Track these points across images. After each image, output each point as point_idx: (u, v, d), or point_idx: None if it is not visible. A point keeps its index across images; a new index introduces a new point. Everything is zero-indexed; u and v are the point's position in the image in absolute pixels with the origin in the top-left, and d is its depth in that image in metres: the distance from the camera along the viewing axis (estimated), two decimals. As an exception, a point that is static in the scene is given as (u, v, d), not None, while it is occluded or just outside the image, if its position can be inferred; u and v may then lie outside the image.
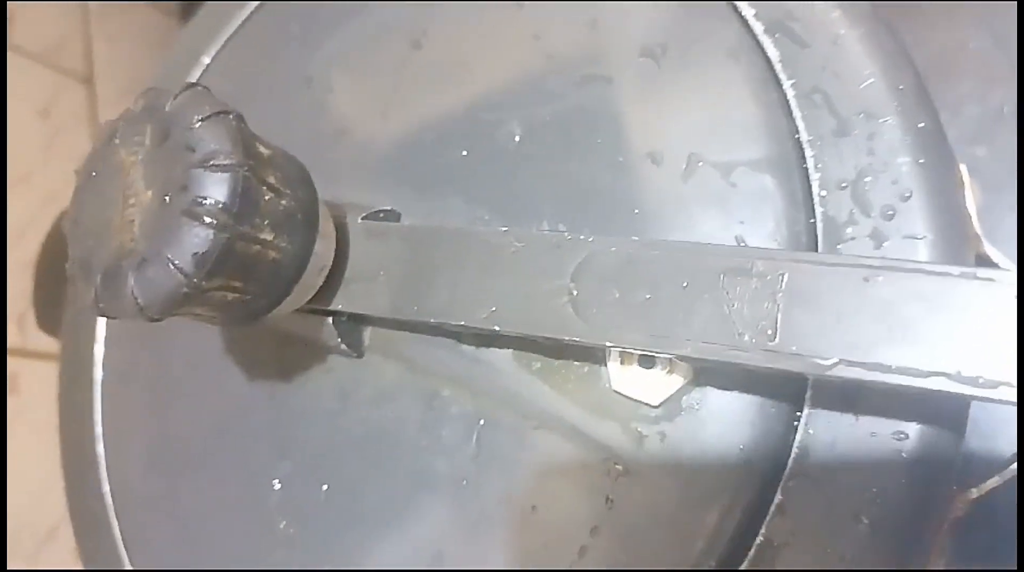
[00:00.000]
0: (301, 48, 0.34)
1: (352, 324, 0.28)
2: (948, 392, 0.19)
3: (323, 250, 0.25)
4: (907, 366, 0.19)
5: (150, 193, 0.22)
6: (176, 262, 0.21)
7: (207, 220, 0.21)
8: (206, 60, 0.38)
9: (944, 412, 0.23)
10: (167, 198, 0.21)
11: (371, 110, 0.31)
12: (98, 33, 0.96)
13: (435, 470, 0.26)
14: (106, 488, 0.36)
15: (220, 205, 0.21)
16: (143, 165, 0.22)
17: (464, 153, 0.28)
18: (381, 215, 0.28)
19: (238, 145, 0.21)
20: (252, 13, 0.37)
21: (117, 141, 0.23)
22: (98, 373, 0.37)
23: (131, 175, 0.22)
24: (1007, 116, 0.53)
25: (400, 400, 0.27)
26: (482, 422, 0.26)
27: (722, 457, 0.24)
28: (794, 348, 0.20)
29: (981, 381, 0.18)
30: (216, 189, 0.21)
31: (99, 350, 0.38)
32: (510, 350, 0.26)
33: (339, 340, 0.27)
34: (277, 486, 0.29)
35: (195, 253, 0.21)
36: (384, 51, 0.32)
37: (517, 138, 0.28)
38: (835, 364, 0.19)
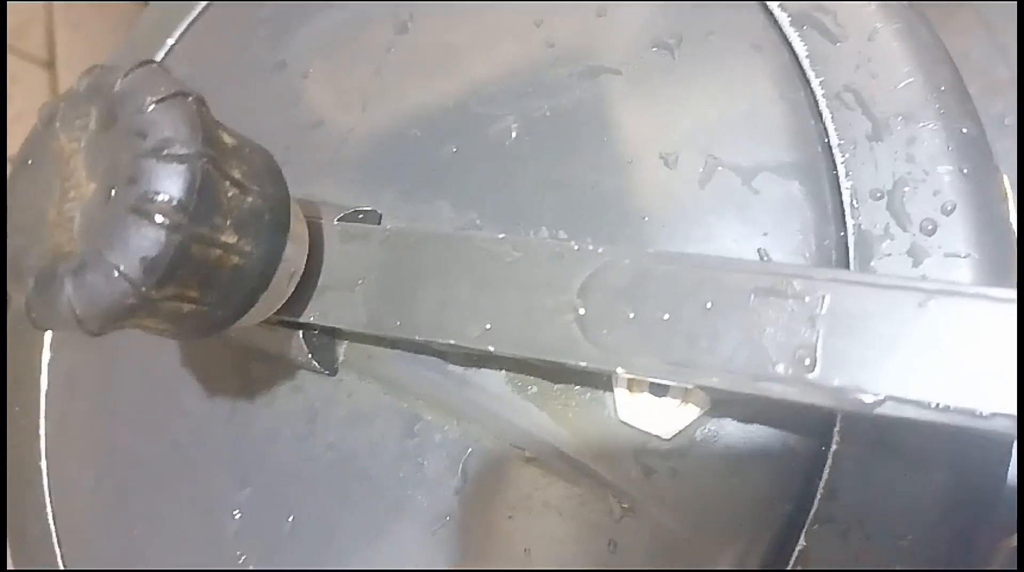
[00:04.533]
0: (275, 29, 0.31)
1: (325, 338, 0.25)
2: (1011, 435, 0.16)
3: (294, 255, 0.22)
4: (967, 407, 0.16)
5: (93, 186, 0.19)
6: (121, 267, 0.18)
7: (158, 219, 0.18)
8: (170, 41, 0.34)
9: (987, 451, 0.21)
10: (112, 192, 0.18)
11: (350, 99, 0.28)
12: (60, 18, 0.92)
13: (415, 504, 0.24)
14: (48, 509, 0.32)
15: (174, 202, 0.18)
16: (86, 153, 0.19)
17: (454, 150, 0.26)
18: (360, 216, 0.25)
19: (197, 132, 0.18)
20: (220, -7, 0.34)
21: (57, 124, 0.20)
22: (43, 380, 0.34)
23: (72, 164, 0.19)
24: (1008, 127, 0.52)
25: (377, 424, 0.24)
26: (469, 451, 0.23)
27: (739, 497, 0.21)
28: (836, 381, 0.17)
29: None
30: (170, 183, 0.18)
31: (45, 354, 0.34)
32: (503, 372, 0.23)
33: (310, 356, 0.24)
34: (237, 515, 0.26)
35: (143, 257, 0.18)
36: (366, 34, 0.29)
37: (513, 134, 0.25)
38: (884, 401, 0.17)
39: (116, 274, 0.18)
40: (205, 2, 0.35)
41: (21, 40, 0.91)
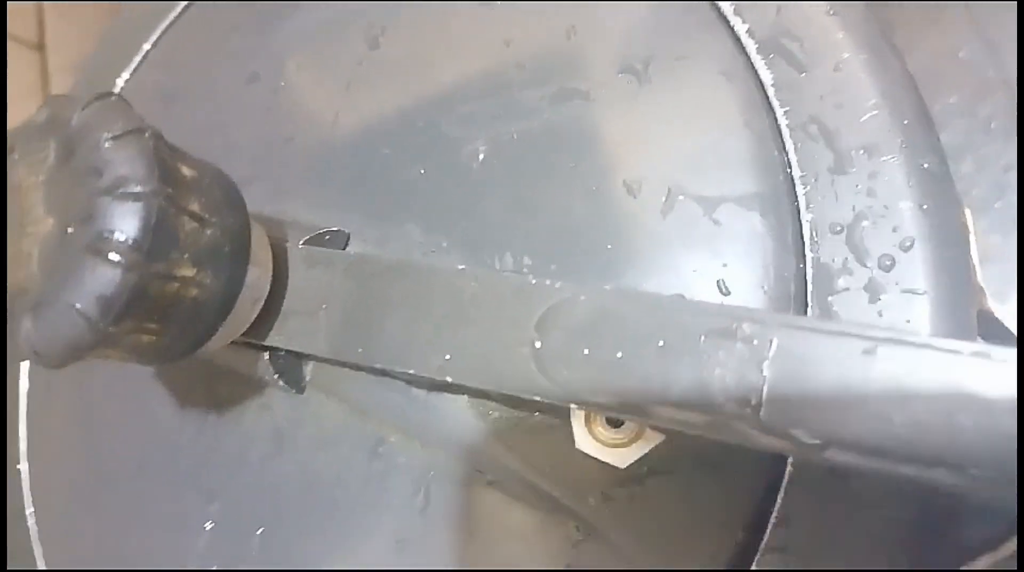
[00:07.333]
0: (248, 39, 0.31)
1: (292, 358, 0.25)
2: (951, 485, 0.17)
3: (256, 281, 0.22)
4: (909, 454, 0.17)
5: (50, 222, 0.19)
6: (77, 306, 0.18)
7: (114, 258, 0.18)
8: (146, 47, 0.34)
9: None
10: (69, 229, 0.18)
11: (322, 115, 0.28)
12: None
13: (379, 525, 0.24)
14: (30, 509, 0.33)
15: (130, 241, 0.18)
16: (44, 187, 0.19)
17: (422, 171, 0.26)
18: (327, 238, 0.25)
19: (153, 169, 0.18)
20: (197, -3, 0.34)
21: (16, 156, 0.20)
22: (24, 384, 0.34)
23: (31, 198, 0.19)
24: (995, 130, 0.52)
25: (343, 445, 0.25)
26: (432, 474, 0.24)
27: (695, 524, 0.22)
28: (781, 425, 0.18)
29: (992, 479, 0.16)
30: (125, 222, 0.18)
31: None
32: (465, 397, 0.23)
33: (276, 376, 0.25)
34: (209, 526, 0.27)
35: (100, 296, 0.18)
36: (338, 48, 0.29)
37: (481, 157, 0.25)
38: (828, 446, 0.17)
39: (73, 312, 0.18)
40: (183, 4, 0.35)
41: (11, 22, 0.90)
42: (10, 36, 0.89)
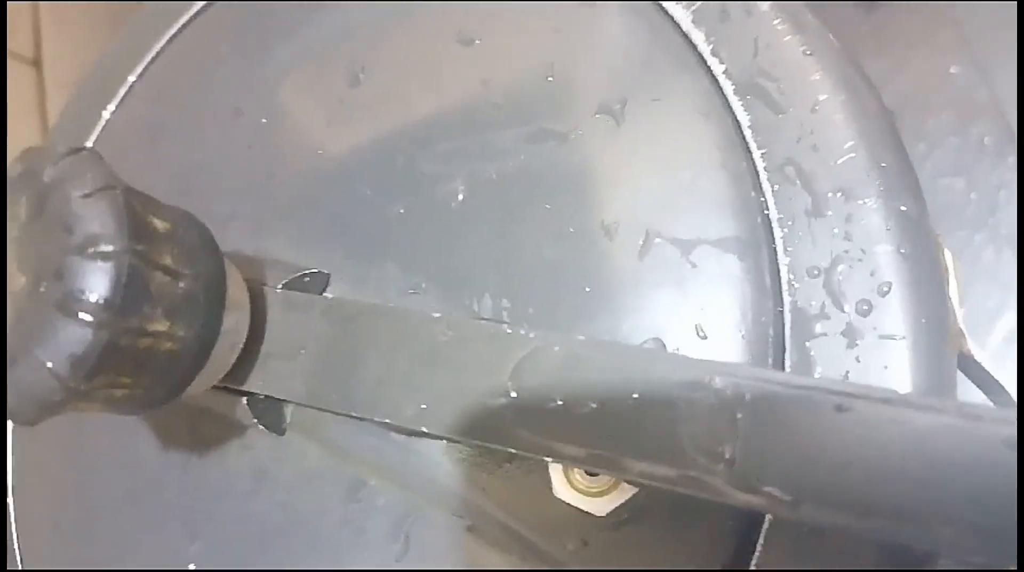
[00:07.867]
0: (231, 74, 0.31)
1: (271, 402, 0.25)
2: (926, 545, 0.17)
3: (235, 326, 0.22)
4: (884, 512, 0.17)
5: (23, 278, 0.19)
6: (49, 364, 0.18)
7: (84, 318, 0.18)
8: (131, 78, 0.34)
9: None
10: (41, 287, 0.18)
11: (303, 152, 0.28)
12: (46, 15, 0.91)
13: (357, 567, 0.24)
14: (16, 545, 0.33)
15: (100, 300, 0.18)
16: (17, 243, 0.19)
17: (401, 210, 0.26)
18: (306, 279, 0.25)
19: (123, 227, 0.18)
20: (181, 28, 0.34)
21: (-10, 209, 0.20)
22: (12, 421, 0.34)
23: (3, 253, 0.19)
24: (987, 148, 0.52)
25: (322, 486, 0.25)
26: (411, 518, 0.24)
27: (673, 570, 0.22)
28: (754, 482, 0.17)
29: (965, 536, 0.16)
30: (95, 280, 0.18)
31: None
32: (444, 442, 0.23)
33: (255, 420, 0.25)
34: (192, 567, 0.27)
35: (70, 354, 0.18)
36: (320, 85, 0.29)
37: (460, 197, 0.25)
38: (802, 503, 0.17)
39: (45, 370, 0.18)
40: (167, 35, 0.35)
41: (8, 38, 0.90)
42: (8, 52, 0.89)
